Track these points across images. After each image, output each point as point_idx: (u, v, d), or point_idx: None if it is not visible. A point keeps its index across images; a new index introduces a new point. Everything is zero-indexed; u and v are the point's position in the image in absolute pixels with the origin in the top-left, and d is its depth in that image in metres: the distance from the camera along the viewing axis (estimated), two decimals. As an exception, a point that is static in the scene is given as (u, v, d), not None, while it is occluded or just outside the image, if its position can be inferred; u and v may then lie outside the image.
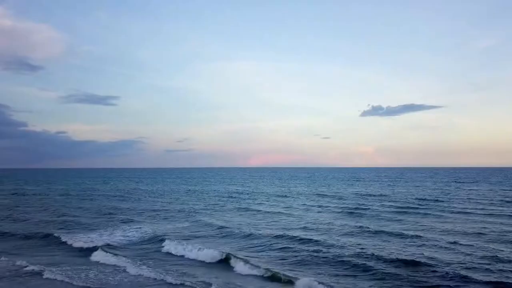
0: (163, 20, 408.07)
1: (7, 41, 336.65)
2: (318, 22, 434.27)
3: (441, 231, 20.75)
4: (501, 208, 30.78)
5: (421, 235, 19.53)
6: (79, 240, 18.63)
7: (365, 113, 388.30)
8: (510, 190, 52.38)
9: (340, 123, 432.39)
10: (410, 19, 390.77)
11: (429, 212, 28.85)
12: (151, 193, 53.37)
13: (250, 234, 20.16)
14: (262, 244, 18.01)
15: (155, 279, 13.02)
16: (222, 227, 22.49)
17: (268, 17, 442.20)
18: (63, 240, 18.83)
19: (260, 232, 20.85)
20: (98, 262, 15.26)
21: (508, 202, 35.88)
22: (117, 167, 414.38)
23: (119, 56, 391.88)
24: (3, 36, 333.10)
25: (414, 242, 18.06)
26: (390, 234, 20.05)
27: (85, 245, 17.51)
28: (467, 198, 40.06)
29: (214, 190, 57.45)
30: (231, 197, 45.11)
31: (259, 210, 31.33)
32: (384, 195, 45.13)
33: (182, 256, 15.92)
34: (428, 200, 38.17)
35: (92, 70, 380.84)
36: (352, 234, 20.35)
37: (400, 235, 19.60)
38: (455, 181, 78.68)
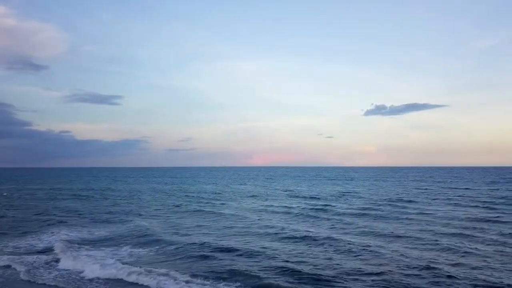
0: (164, 19, 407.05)
1: (11, 41, 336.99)
2: (320, 22, 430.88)
3: (379, 236, 18.80)
4: (471, 210, 28.63)
5: (354, 241, 17.57)
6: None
7: (368, 112, 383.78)
8: (497, 190, 50.10)
9: (343, 123, 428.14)
10: (413, 18, 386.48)
11: (387, 214, 26.82)
12: (121, 192, 51.75)
13: (170, 241, 18.30)
14: (171, 253, 16.18)
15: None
16: (145, 231, 20.76)
17: (270, 16, 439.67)
18: None
19: (184, 238, 19.02)
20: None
21: (485, 202, 33.72)
22: (120, 166, 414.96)
23: (122, 56, 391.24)
24: (6, 36, 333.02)
25: (340, 249, 16.10)
26: (319, 239, 18.05)
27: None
28: (445, 198, 38.09)
29: (191, 190, 55.69)
30: (201, 197, 43.25)
31: (215, 212, 29.42)
32: (357, 195, 43.14)
33: (67, 267, 14.15)
34: (399, 201, 36.10)
35: (95, 70, 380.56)
36: (281, 240, 18.42)
37: (335, 241, 17.62)
38: (446, 181, 76.44)
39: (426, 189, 52.82)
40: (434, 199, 37.80)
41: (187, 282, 11.76)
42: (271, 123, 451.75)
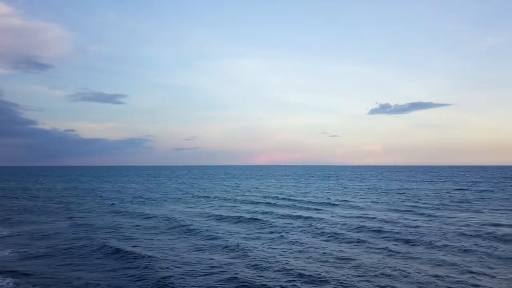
0: (169, 18, 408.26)
1: (17, 40, 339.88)
2: (326, 21, 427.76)
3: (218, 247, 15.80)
4: (380, 216, 25.38)
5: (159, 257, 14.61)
6: None
7: (373, 111, 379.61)
8: (454, 190, 47.20)
9: (348, 121, 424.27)
10: (417, 18, 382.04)
11: (302, 222, 23.72)
12: (58, 192, 49.34)
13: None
14: None
15: None
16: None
17: (275, 16, 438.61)
18: None
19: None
20: None
21: (412, 206, 30.74)
22: (125, 165, 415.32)
23: (126, 55, 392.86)
24: (12, 35, 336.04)
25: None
26: (135, 254, 15.11)
27: None
28: (383, 201, 35.06)
29: (131, 192, 52.52)
30: (130, 200, 40.18)
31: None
32: (294, 196, 40.86)
33: None
34: (326, 204, 33.82)
35: (100, 69, 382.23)
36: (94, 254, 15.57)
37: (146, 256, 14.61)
38: (426, 180, 73.80)
39: (376, 188, 51.57)
40: (374, 202, 35.17)
41: None
42: (276, 122, 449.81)
